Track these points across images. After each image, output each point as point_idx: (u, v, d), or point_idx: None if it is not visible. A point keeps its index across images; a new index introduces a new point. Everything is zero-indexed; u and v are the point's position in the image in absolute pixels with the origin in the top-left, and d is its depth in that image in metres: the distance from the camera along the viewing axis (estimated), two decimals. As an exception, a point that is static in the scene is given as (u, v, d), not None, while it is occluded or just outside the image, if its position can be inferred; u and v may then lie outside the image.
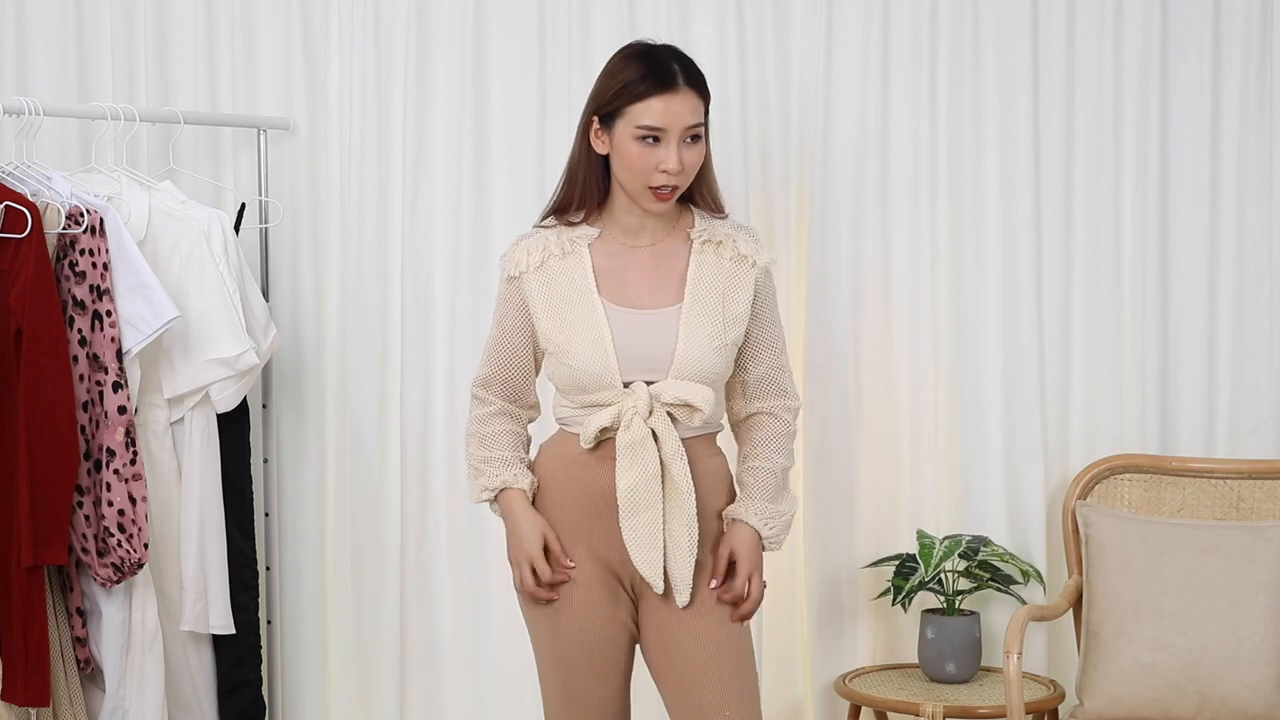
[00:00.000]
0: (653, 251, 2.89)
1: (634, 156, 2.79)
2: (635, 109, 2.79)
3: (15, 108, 3.49)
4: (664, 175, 2.79)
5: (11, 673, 3.38)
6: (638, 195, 2.83)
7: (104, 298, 3.45)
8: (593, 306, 2.84)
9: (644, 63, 2.81)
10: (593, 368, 2.82)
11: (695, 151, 2.82)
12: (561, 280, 2.87)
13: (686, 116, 2.79)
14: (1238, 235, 3.87)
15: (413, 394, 3.96)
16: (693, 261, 2.87)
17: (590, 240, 2.89)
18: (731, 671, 2.83)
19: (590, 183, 2.89)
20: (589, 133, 2.86)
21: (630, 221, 2.89)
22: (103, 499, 3.45)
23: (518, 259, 2.91)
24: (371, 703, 4.04)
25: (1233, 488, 3.74)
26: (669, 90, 2.78)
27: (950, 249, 3.88)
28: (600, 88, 2.85)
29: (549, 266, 2.89)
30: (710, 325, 2.83)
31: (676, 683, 2.84)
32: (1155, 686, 3.47)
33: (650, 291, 2.86)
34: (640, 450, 2.79)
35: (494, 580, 3.95)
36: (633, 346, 2.82)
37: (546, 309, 2.87)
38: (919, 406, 3.90)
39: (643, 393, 2.80)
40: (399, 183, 3.96)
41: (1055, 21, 3.85)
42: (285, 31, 3.98)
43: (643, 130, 2.78)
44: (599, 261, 2.88)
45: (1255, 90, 3.84)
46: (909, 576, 3.73)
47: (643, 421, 2.79)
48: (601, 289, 2.86)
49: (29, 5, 3.97)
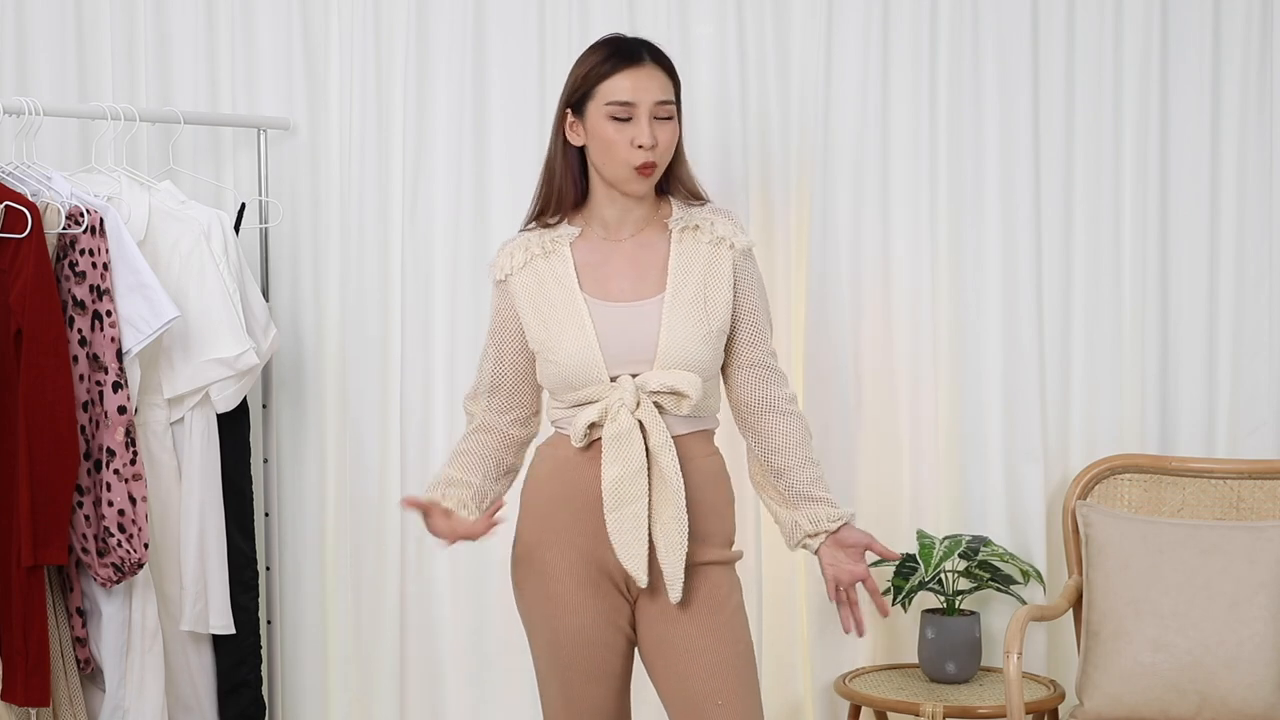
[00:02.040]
0: (634, 243, 2.89)
1: (609, 136, 2.81)
2: (604, 87, 2.81)
3: (15, 108, 3.49)
4: (641, 152, 2.80)
5: (11, 673, 3.38)
6: (618, 179, 2.84)
7: (104, 298, 3.45)
8: (575, 303, 2.85)
9: (609, 46, 2.86)
10: (576, 363, 2.82)
11: (668, 129, 2.84)
12: (546, 279, 2.88)
13: (655, 91, 2.82)
14: (1238, 235, 3.86)
15: (413, 394, 3.96)
16: (673, 251, 2.87)
17: (572, 239, 2.90)
18: (725, 664, 2.82)
19: (567, 180, 2.90)
20: (563, 128, 2.88)
21: (611, 215, 2.90)
22: (103, 499, 3.45)
23: (502, 263, 2.93)
24: (371, 703, 4.04)
25: (1233, 488, 3.74)
26: (635, 65, 2.82)
27: (950, 249, 3.88)
28: (569, 80, 2.88)
29: (533, 267, 2.90)
30: (694, 313, 2.83)
31: (670, 678, 2.84)
32: (1155, 686, 3.47)
33: (632, 284, 2.87)
34: (626, 442, 2.78)
35: (494, 580, 3.95)
36: (616, 340, 2.82)
37: (532, 309, 2.88)
38: (919, 406, 3.90)
39: (629, 385, 2.80)
40: (399, 183, 3.97)
41: (1055, 21, 3.85)
42: (285, 31, 3.99)
43: (614, 106, 2.80)
44: (581, 258, 2.89)
45: (1255, 90, 3.84)
46: (909, 576, 3.73)
47: (629, 413, 2.78)
48: (584, 284, 2.87)
49: (29, 5, 3.98)
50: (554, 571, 2.88)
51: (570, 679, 2.88)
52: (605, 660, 2.88)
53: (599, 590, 2.86)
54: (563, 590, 2.87)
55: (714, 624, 2.83)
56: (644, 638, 2.88)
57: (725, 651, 2.83)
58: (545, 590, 2.89)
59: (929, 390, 3.90)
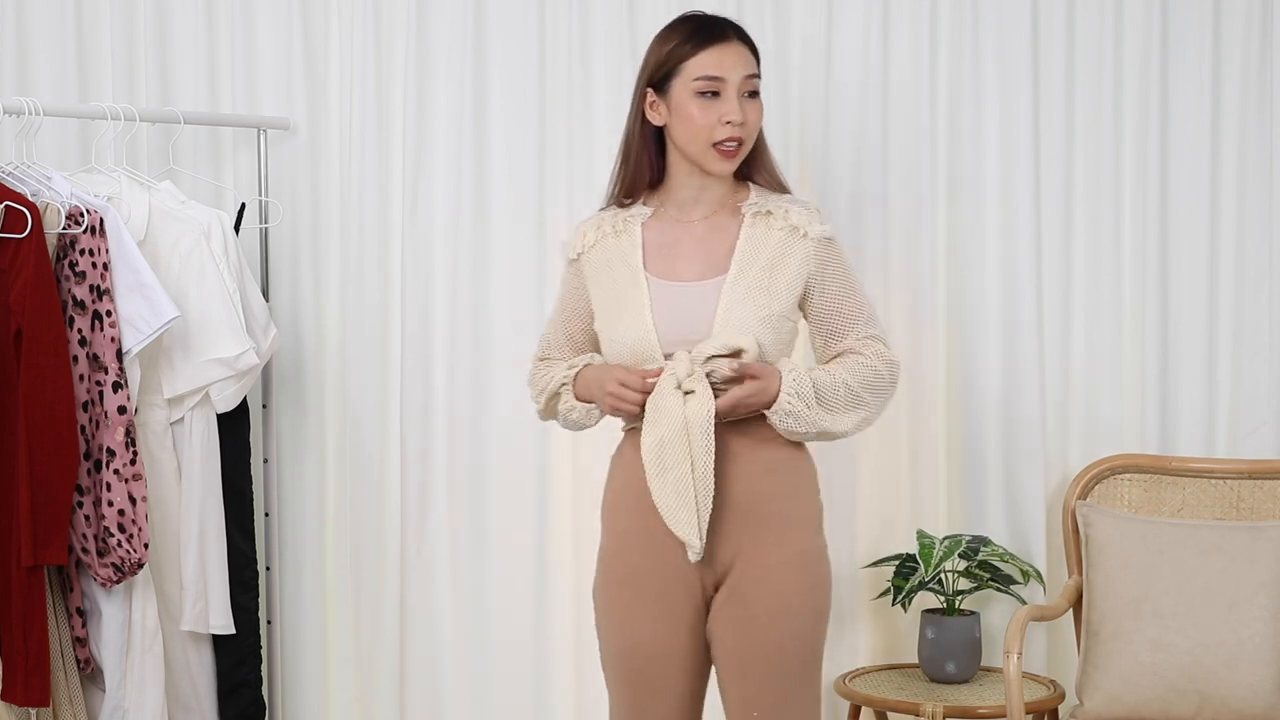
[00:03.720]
0: (705, 225, 2.89)
1: (695, 113, 2.80)
2: (691, 63, 2.80)
3: (15, 108, 3.49)
4: (728, 127, 2.80)
5: (11, 673, 3.38)
6: (701, 157, 2.83)
7: (104, 298, 3.45)
8: (638, 282, 2.86)
9: (692, 23, 2.85)
10: (632, 340, 2.83)
11: (755, 107, 2.84)
12: (614, 258, 2.90)
13: (743, 66, 2.82)
14: (1238, 235, 3.86)
15: (413, 394, 3.96)
16: (743, 234, 2.87)
17: (644, 219, 2.91)
18: (776, 672, 2.80)
19: (644, 160, 2.90)
20: (643, 107, 2.87)
21: (686, 195, 2.90)
22: (103, 499, 3.45)
23: (575, 242, 2.96)
24: (371, 703, 4.04)
25: (1233, 488, 3.74)
26: (722, 41, 2.81)
27: (950, 248, 3.88)
28: (650, 58, 2.86)
29: (603, 245, 2.92)
30: (756, 295, 2.82)
31: (724, 677, 2.84)
32: (1155, 686, 3.47)
33: (698, 265, 2.87)
34: (664, 405, 2.76)
35: (494, 581, 3.96)
36: (671, 318, 2.83)
37: (598, 286, 2.90)
38: (919, 406, 3.90)
39: (682, 357, 2.78)
40: (399, 183, 3.97)
41: (1055, 21, 3.84)
42: (285, 31, 3.98)
43: (702, 82, 2.80)
44: (650, 237, 2.90)
45: (1255, 90, 3.84)
46: (909, 576, 3.73)
47: (676, 384, 2.77)
48: (649, 264, 2.88)
49: (29, 5, 3.98)
50: (625, 577, 2.87)
51: (633, 690, 2.86)
52: (666, 674, 2.86)
53: (663, 602, 2.84)
54: (630, 601, 2.85)
55: (774, 627, 2.81)
56: (712, 636, 2.86)
57: (781, 657, 2.81)
58: (616, 597, 2.87)
59: (929, 390, 3.89)
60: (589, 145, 3.91)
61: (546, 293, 3.92)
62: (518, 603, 3.96)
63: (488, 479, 3.96)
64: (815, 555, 2.89)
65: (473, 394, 3.96)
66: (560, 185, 3.93)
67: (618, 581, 2.90)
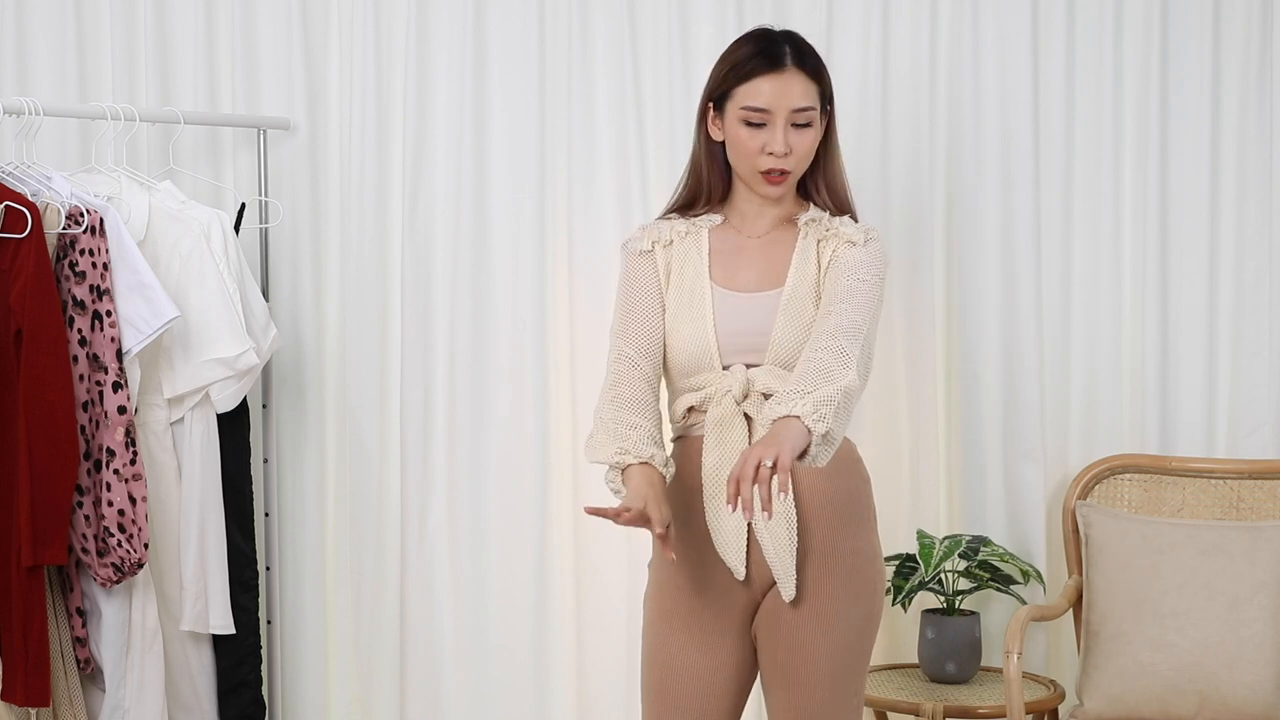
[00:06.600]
0: (767, 239, 2.88)
1: (742, 140, 2.79)
2: (742, 90, 2.79)
3: (15, 108, 3.49)
4: (770, 158, 2.78)
5: (11, 673, 3.38)
6: (749, 180, 2.83)
7: (104, 298, 3.45)
8: (701, 287, 2.84)
9: (755, 44, 2.81)
10: (693, 346, 2.81)
11: (806, 137, 2.79)
12: (682, 260, 2.88)
13: (794, 98, 2.77)
14: (1238, 235, 3.87)
15: (413, 394, 3.96)
16: (797, 246, 2.85)
17: (712, 226, 2.90)
18: (813, 681, 2.77)
19: (714, 173, 2.89)
20: (706, 121, 2.86)
21: (749, 209, 2.89)
22: (103, 499, 3.45)
23: (648, 236, 2.90)
24: (371, 703, 4.04)
25: (1233, 488, 3.74)
26: (775, 70, 2.77)
27: (949, 248, 3.88)
28: (713, 74, 2.85)
29: (676, 246, 2.89)
30: (809, 309, 2.79)
31: (766, 681, 2.82)
32: (1155, 686, 3.47)
33: (758, 276, 2.85)
34: (727, 428, 2.75)
35: (494, 580, 3.96)
36: (732, 328, 2.81)
37: (670, 284, 2.88)
38: (919, 406, 3.90)
39: (739, 374, 2.77)
40: (399, 183, 3.96)
41: (1055, 21, 3.85)
42: (285, 31, 3.98)
43: (747, 112, 2.78)
44: (715, 245, 2.88)
45: (1255, 90, 3.84)
46: (909, 576, 3.73)
47: (734, 402, 2.76)
48: (713, 271, 2.86)
49: (29, 5, 3.98)
50: (669, 589, 2.84)
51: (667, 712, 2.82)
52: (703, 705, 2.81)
53: (704, 629, 2.81)
54: (672, 627, 2.82)
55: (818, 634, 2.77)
56: (759, 638, 2.83)
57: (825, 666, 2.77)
58: (660, 606, 2.85)
59: (929, 390, 3.89)
60: (589, 146, 3.91)
61: (547, 293, 3.93)
62: (518, 603, 3.96)
63: (488, 479, 3.96)
64: (870, 556, 2.87)
65: (473, 394, 3.95)
66: (560, 186, 3.93)
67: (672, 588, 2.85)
